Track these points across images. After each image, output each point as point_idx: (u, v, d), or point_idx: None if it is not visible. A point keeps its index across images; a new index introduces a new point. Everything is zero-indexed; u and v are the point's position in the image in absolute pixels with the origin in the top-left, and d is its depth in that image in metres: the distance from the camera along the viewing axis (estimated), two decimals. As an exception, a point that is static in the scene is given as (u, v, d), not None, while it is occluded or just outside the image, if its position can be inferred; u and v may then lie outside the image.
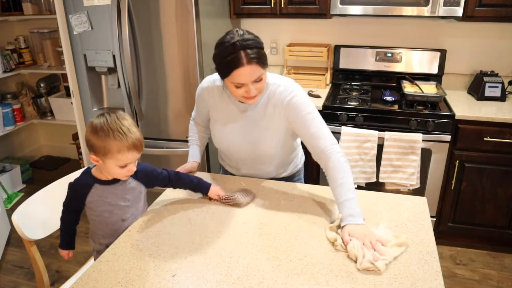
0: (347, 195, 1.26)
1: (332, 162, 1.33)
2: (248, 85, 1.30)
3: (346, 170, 1.32)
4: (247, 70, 1.26)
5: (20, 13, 3.18)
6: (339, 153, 1.35)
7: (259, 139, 1.49)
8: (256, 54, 1.26)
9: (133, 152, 1.22)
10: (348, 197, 1.25)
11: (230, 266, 1.10)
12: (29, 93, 3.47)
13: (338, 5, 2.36)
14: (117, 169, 1.24)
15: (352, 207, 1.23)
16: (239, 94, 1.34)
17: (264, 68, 1.31)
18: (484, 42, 2.59)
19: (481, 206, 2.34)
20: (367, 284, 1.03)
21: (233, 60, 1.25)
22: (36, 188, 1.54)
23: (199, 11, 2.20)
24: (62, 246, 1.40)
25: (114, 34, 2.27)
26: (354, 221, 1.20)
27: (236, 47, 1.25)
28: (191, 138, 1.72)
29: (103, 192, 1.30)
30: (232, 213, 1.36)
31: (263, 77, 1.32)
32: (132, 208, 1.35)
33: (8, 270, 2.38)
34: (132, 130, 1.21)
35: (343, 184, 1.29)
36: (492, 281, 2.21)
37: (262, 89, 1.37)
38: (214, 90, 1.50)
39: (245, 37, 1.27)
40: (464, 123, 2.22)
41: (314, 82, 2.74)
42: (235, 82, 1.29)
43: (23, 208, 1.40)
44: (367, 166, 2.33)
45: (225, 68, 1.28)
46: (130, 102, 2.43)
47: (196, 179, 1.46)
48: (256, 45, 1.28)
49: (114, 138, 1.18)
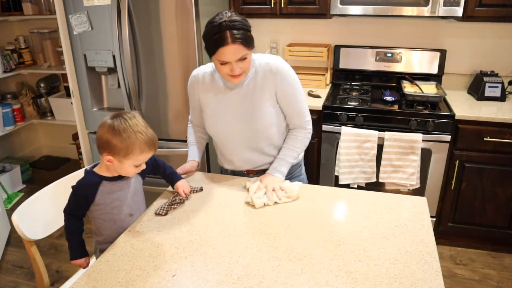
0: (284, 155, 1.55)
1: (295, 133, 1.58)
2: (232, 64, 1.38)
3: (301, 143, 1.58)
4: (231, 48, 1.34)
5: (20, 13, 3.18)
6: (306, 129, 1.59)
7: (251, 114, 1.52)
8: (241, 35, 1.34)
9: (152, 151, 1.28)
10: (285, 158, 1.55)
11: (230, 266, 1.10)
12: (29, 93, 3.47)
13: (338, 5, 2.36)
14: (132, 168, 1.27)
15: (280, 164, 1.54)
16: (225, 72, 1.42)
17: (249, 48, 1.39)
18: (484, 42, 2.59)
19: (481, 206, 2.34)
20: (367, 284, 1.03)
21: (218, 38, 1.34)
22: (36, 188, 1.54)
23: (199, 11, 2.20)
24: (76, 257, 1.34)
25: (114, 34, 2.27)
26: (273, 173, 1.51)
27: (222, 27, 1.33)
28: (190, 140, 1.73)
29: (111, 188, 1.31)
30: (232, 213, 1.36)
31: (248, 57, 1.40)
32: (137, 201, 1.38)
33: (8, 270, 2.38)
34: (149, 129, 1.27)
35: (288, 148, 1.57)
36: (492, 281, 2.21)
37: (247, 69, 1.45)
38: (203, 75, 1.58)
39: (232, 18, 1.35)
40: (464, 123, 2.22)
41: (314, 82, 2.75)
42: (220, 59, 1.38)
43: (23, 208, 1.40)
44: (367, 166, 2.33)
45: (211, 46, 1.37)
46: (130, 102, 2.43)
47: (169, 169, 1.51)
48: (242, 26, 1.36)
49: (137, 139, 1.22)
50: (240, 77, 1.45)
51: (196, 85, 1.59)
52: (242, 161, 1.63)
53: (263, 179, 1.49)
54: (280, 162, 1.54)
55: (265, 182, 1.46)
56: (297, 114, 1.56)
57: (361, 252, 1.15)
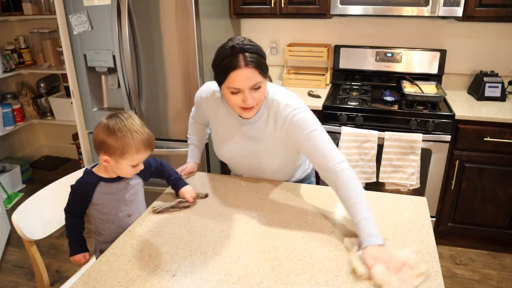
0: (364, 214, 1.16)
1: (341, 180, 1.24)
2: (245, 92, 1.24)
3: (359, 187, 1.22)
4: (244, 73, 1.22)
5: (20, 13, 3.18)
6: (348, 170, 1.25)
7: (260, 156, 1.46)
8: (255, 59, 1.23)
9: (149, 151, 1.26)
10: (365, 216, 1.15)
11: (230, 266, 1.10)
12: (29, 93, 3.46)
13: (338, 5, 2.36)
14: (129, 168, 1.26)
15: (370, 227, 1.13)
16: (236, 104, 1.28)
17: (263, 76, 1.26)
18: (484, 42, 2.59)
19: (481, 206, 2.34)
20: (367, 284, 1.03)
21: (230, 62, 1.22)
22: (36, 188, 1.54)
23: (199, 11, 2.20)
24: (74, 252, 1.36)
25: (114, 34, 2.26)
26: (375, 241, 1.09)
27: (235, 49, 1.22)
28: (190, 138, 1.71)
29: (109, 189, 1.31)
30: (232, 213, 1.36)
31: (262, 86, 1.27)
32: (136, 202, 1.38)
33: (8, 270, 2.38)
34: (145, 129, 1.25)
35: (358, 203, 1.19)
36: (492, 281, 2.21)
37: (260, 101, 1.30)
38: (212, 101, 1.46)
39: (245, 42, 1.25)
40: (464, 123, 2.22)
41: (314, 82, 2.74)
42: (231, 86, 1.25)
43: (23, 208, 1.40)
44: (367, 166, 2.33)
45: (222, 71, 1.25)
46: (130, 102, 2.43)
47: (175, 175, 1.49)
48: (256, 51, 1.25)
49: (133, 138, 1.20)
50: (253, 111, 1.31)
51: (206, 108, 1.50)
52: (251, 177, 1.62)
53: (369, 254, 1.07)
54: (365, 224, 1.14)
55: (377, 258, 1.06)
56: (324, 157, 1.29)
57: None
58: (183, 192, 1.44)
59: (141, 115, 2.46)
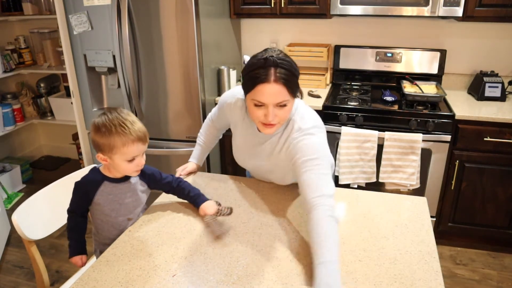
0: (324, 257, 1.02)
1: (313, 215, 1.12)
2: (268, 107, 1.20)
3: (329, 227, 1.08)
4: (272, 88, 1.17)
5: (20, 13, 3.18)
6: (325, 206, 1.12)
7: (270, 171, 1.47)
8: (286, 76, 1.18)
9: (138, 144, 1.22)
10: (324, 260, 1.01)
11: (230, 266, 1.10)
12: (29, 93, 3.46)
13: (338, 5, 2.36)
14: (125, 164, 1.24)
15: (326, 274, 0.98)
16: (258, 117, 1.25)
17: (292, 95, 1.22)
18: (484, 42, 2.59)
19: (481, 206, 2.34)
20: (367, 284, 1.03)
21: (260, 74, 1.18)
22: (36, 188, 1.54)
23: (199, 11, 2.20)
24: (72, 254, 1.35)
25: (114, 34, 2.27)
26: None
27: (268, 62, 1.18)
28: (200, 138, 1.69)
29: (112, 190, 1.30)
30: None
31: (288, 104, 1.22)
32: (137, 207, 1.37)
33: (8, 270, 2.38)
34: (134, 122, 1.22)
35: (321, 243, 1.05)
36: (492, 281, 2.21)
37: (283, 119, 1.26)
38: (236, 110, 1.44)
39: (281, 56, 1.21)
40: (464, 123, 2.22)
41: (314, 82, 2.74)
42: (256, 99, 1.21)
43: (23, 208, 1.40)
44: (367, 166, 2.33)
45: (250, 82, 1.21)
46: (130, 102, 2.43)
47: (195, 191, 1.39)
48: (290, 68, 1.20)
49: (117, 132, 1.19)
50: (273, 128, 1.27)
51: (229, 115, 1.47)
52: None
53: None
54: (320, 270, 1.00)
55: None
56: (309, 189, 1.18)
57: (361, 252, 1.15)
58: (203, 209, 1.32)
59: (141, 115, 2.46)
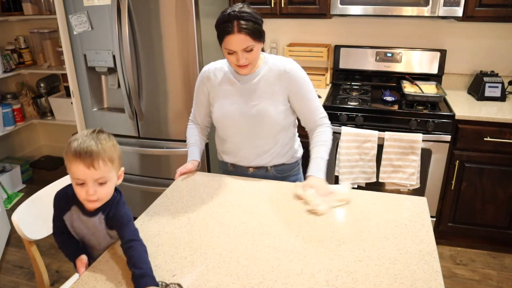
0: (321, 153, 1.53)
1: (319, 129, 1.59)
2: (238, 53, 1.42)
3: (330, 138, 1.59)
4: (236, 38, 1.39)
5: (20, 13, 3.19)
6: (327, 125, 1.62)
7: (259, 111, 1.54)
8: (248, 26, 1.39)
9: (77, 163, 1.04)
10: (321, 156, 1.53)
11: (230, 266, 1.10)
12: (29, 93, 3.47)
13: (338, 5, 2.36)
14: (77, 188, 1.09)
15: (321, 165, 1.51)
16: (232, 61, 1.47)
17: (255, 40, 1.42)
18: (484, 42, 2.59)
19: (481, 206, 2.34)
20: (367, 284, 1.03)
21: (225, 27, 1.40)
22: (36, 188, 1.54)
23: (199, 11, 2.20)
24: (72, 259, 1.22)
25: (114, 34, 2.27)
26: (317, 174, 1.48)
27: (230, 16, 1.39)
28: (190, 141, 1.72)
29: (79, 216, 1.18)
30: (232, 213, 1.36)
31: (254, 49, 1.43)
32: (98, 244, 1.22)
33: (8, 270, 2.38)
34: (87, 140, 1.06)
35: (322, 146, 1.56)
36: (492, 281, 2.21)
37: (253, 60, 1.48)
38: (214, 70, 1.60)
39: (243, 9, 1.40)
40: (464, 123, 2.22)
41: (314, 82, 2.69)
42: (227, 48, 1.43)
43: (23, 208, 1.40)
44: (367, 166, 2.33)
45: (219, 34, 1.43)
46: (130, 102, 2.43)
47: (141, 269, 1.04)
48: (251, 18, 1.40)
49: (68, 147, 1.07)
50: (247, 68, 1.48)
51: (207, 80, 1.60)
52: (245, 156, 1.63)
53: (309, 182, 1.45)
54: (318, 161, 1.52)
55: (313, 185, 1.43)
56: (312, 111, 1.59)
57: (361, 252, 1.15)
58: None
59: (141, 115, 2.46)
